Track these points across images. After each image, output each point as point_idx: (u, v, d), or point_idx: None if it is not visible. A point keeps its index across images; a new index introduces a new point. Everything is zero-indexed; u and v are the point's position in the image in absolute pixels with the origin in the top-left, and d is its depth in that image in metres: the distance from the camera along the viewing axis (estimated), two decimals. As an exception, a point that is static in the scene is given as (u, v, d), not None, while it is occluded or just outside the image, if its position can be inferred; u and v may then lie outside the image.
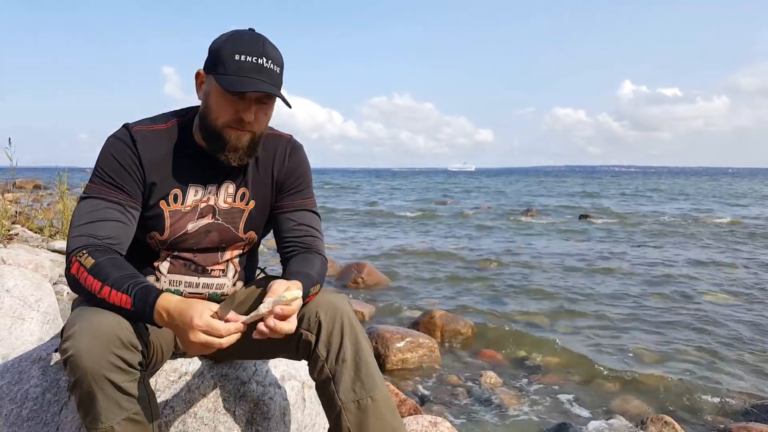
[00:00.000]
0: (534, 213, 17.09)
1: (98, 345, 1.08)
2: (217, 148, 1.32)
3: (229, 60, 1.24)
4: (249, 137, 1.32)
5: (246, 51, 1.24)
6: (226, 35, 1.29)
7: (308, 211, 1.49)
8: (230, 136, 1.30)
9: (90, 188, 1.31)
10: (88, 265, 1.18)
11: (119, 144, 1.33)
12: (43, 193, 11.20)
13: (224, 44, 1.27)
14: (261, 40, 1.28)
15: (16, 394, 1.54)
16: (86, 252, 1.20)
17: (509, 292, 6.18)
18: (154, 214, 1.37)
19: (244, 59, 1.24)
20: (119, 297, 1.13)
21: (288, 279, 1.26)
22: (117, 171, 1.31)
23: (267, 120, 1.35)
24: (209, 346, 1.10)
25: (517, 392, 3.36)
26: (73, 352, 1.08)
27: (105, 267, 1.17)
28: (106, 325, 1.11)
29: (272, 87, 1.26)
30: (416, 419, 2.15)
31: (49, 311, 2.29)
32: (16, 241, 4.86)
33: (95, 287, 1.16)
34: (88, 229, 1.25)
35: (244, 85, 1.23)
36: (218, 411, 1.54)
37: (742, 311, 5.32)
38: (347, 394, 1.27)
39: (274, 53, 1.29)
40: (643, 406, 3.18)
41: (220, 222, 1.43)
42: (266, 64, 1.25)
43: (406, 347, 3.79)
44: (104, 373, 1.09)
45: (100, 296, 1.15)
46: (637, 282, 6.77)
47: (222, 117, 1.29)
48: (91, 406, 1.11)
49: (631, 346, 4.24)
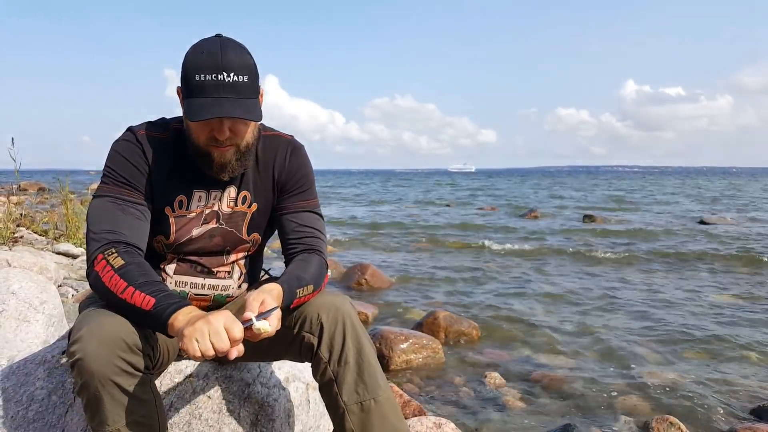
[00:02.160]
0: (537, 213, 17.06)
1: (105, 348, 1.09)
2: (206, 166, 1.33)
3: (191, 80, 1.23)
4: (233, 151, 1.32)
5: (205, 68, 1.22)
6: (190, 49, 1.27)
7: (310, 212, 1.49)
8: (214, 154, 1.31)
9: (102, 188, 1.32)
10: (116, 265, 1.18)
11: (128, 145, 1.34)
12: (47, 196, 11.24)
13: (187, 61, 1.25)
14: (221, 50, 1.23)
15: (22, 396, 1.54)
16: (115, 252, 1.21)
17: (513, 293, 6.17)
18: (159, 220, 1.38)
19: (204, 78, 1.22)
20: (142, 298, 1.13)
21: (275, 283, 1.26)
22: (128, 170, 1.32)
23: (247, 129, 1.32)
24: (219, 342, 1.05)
25: (522, 393, 3.35)
26: (80, 356, 1.08)
27: (133, 270, 1.18)
28: (113, 329, 1.11)
29: (235, 105, 1.22)
30: (421, 420, 2.15)
31: (54, 313, 2.30)
32: (21, 244, 4.88)
33: (119, 287, 1.15)
34: (110, 227, 1.25)
35: (203, 112, 1.21)
36: (223, 413, 1.54)
37: (747, 311, 5.29)
38: (350, 395, 1.27)
39: (238, 61, 1.24)
40: (648, 406, 3.17)
41: (223, 226, 1.44)
42: (227, 78, 1.22)
43: (409, 348, 3.79)
44: (111, 377, 1.09)
45: (122, 297, 1.14)
46: (643, 281, 6.75)
47: (200, 138, 1.30)
48: (98, 409, 1.12)
49: (636, 347, 4.22)
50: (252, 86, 1.27)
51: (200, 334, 1.04)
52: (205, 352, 1.04)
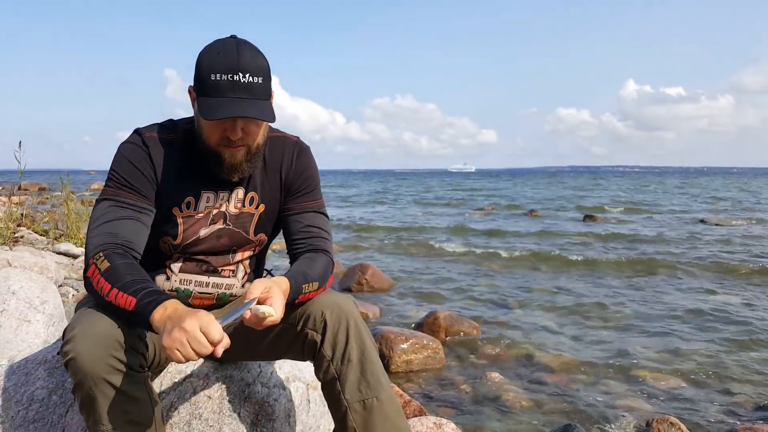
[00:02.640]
0: (537, 213, 17.06)
1: (98, 348, 1.09)
2: (216, 167, 1.34)
3: (206, 80, 1.23)
4: (244, 152, 1.32)
5: (220, 68, 1.22)
6: (204, 49, 1.28)
7: (316, 213, 1.50)
8: (225, 155, 1.31)
9: (106, 192, 1.32)
10: (102, 268, 1.18)
11: (134, 148, 1.34)
12: (48, 196, 11.25)
13: (201, 61, 1.25)
14: (237, 51, 1.23)
15: (23, 395, 1.54)
16: (103, 255, 1.21)
17: (514, 293, 6.17)
18: (167, 221, 1.39)
19: (219, 78, 1.22)
20: (124, 299, 1.13)
21: (282, 276, 1.27)
22: (133, 174, 1.32)
23: (259, 130, 1.32)
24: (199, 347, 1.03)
25: (522, 393, 3.35)
26: (73, 356, 1.09)
27: (118, 271, 1.17)
28: (105, 328, 1.11)
29: (249, 106, 1.23)
30: (421, 420, 2.15)
31: (55, 313, 2.30)
32: (21, 244, 4.88)
33: (104, 290, 1.15)
34: (105, 230, 1.26)
35: (218, 111, 1.21)
36: (223, 413, 1.54)
37: (749, 310, 5.29)
38: (353, 394, 1.27)
39: (253, 62, 1.24)
40: (648, 406, 3.16)
41: (230, 227, 1.44)
42: (243, 79, 1.22)
43: (410, 348, 3.79)
44: (104, 376, 1.10)
45: (107, 299, 1.15)
46: (642, 281, 6.75)
47: (211, 138, 1.30)
48: (93, 409, 1.12)
49: (637, 347, 4.22)
50: (266, 88, 1.27)
51: (179, 343, 1.02)
52: (190, 359, 1.04)
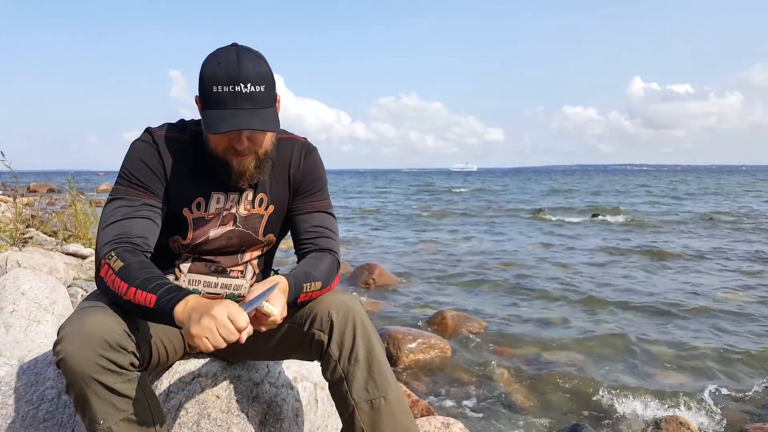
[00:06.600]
0: (545, 213, 16.99)
1: (86, 348, 1.09)
2: (226, 175, 1.35)
3: (209, 93, 1.24)
4: (253, 158, 1.33)
5: (222, 80, 1.22)
6: (206, 60, 1.27)
7: (323, 213, 1.50)
8: (233, 163, 1.32)
9: (117, 190, 1.33)
10: (116, 268, 1.18)
11: (145, 147, 1.35)
12: (56, 197, 11.32)
13: (203, 73, 1.25)
14: (237, 60, 1.23)
15: (33, 395, 1.55)
16: (115, 254, 1.21)
17: (521, 292, 6.15)
18: (177, 221, 1.39)
19: (221, 90, 1.22)
20: (144, 296, 1.13)
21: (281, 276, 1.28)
22: (144, 173, 1.33)
23: (265, 137, 1.33)
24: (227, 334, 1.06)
25: (530, 392, 3.34)
26: (63, 356, 1.10)
27: (133, 269, 1.17)
28: (92, 328, 1.11)
29: (252, 116, 1.23)
30: (429, 420, 2.14)
31: (64, 313, 2.31)
32: (30, 245, 4.92)
33: (122, 289, 1.15)
34: (115, 229, 1.26)
35: (221, 125, 1.22)
36: (231, 412, 1.54)
37: (759, 309, 5.24)
38: (360, 393, 1.27)
39: (255, 71, 1.24)
40: (657, 406, 3.14)
41: (240, 228, 1.45)
42: (244, 89, 1.22)
43: (417, 348, 3.78)
44: (93, 375, 1.10)
45: (126, 298, 1.15)
46: (649, 281, 6.71)
47: (219, 147, 1.31)
48: (86, 408, 1.14)
49: (645, 346, 4.19)
50: (269, 95, 1.27)
51: (208, 331, 1.06)
52: (217, 347, 1.07)
